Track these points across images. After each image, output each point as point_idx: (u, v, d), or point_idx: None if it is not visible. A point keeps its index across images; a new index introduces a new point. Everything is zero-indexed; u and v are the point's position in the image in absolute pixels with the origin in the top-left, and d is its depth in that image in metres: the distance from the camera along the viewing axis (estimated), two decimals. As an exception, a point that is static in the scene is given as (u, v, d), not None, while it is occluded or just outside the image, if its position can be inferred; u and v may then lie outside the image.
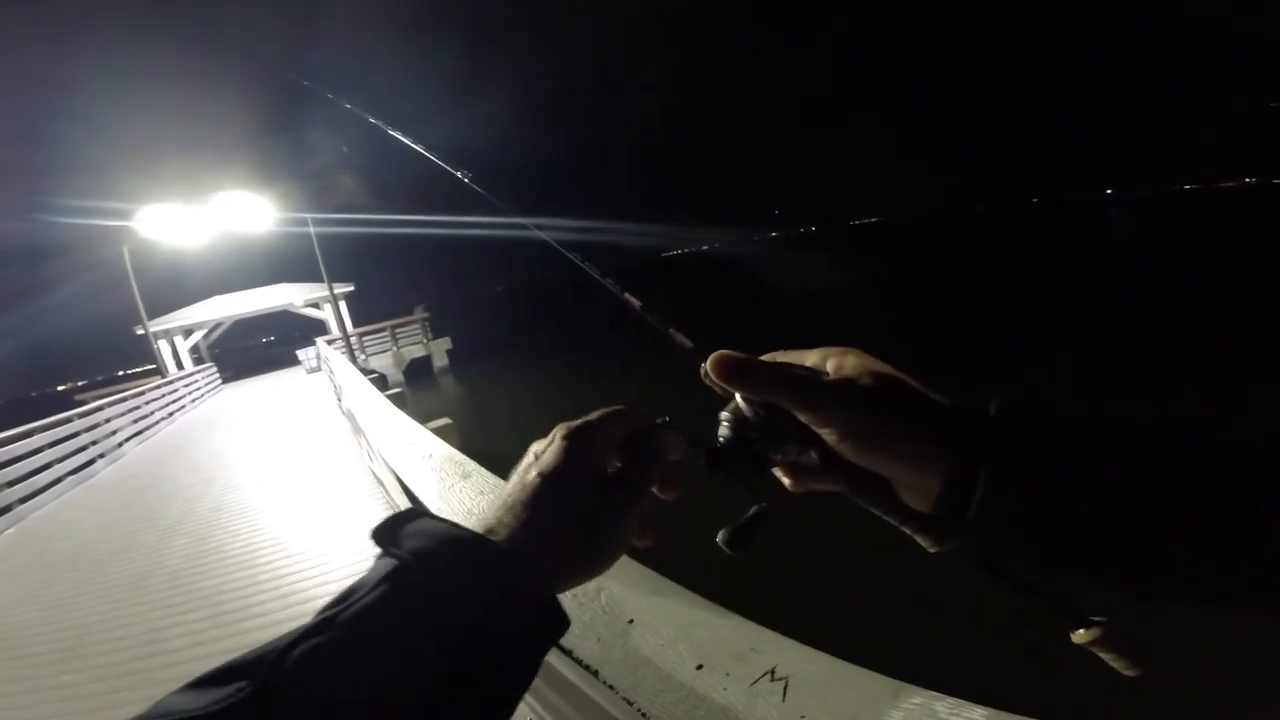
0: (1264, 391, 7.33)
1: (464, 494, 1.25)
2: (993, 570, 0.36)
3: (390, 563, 0.34)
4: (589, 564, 0.41)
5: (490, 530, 0.39)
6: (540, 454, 0.43)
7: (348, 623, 0.31)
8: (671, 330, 0.47)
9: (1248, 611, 0.31)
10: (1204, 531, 0.30)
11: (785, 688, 0.61)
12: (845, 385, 0.39)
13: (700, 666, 0.67)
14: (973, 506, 0.34)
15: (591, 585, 0.83)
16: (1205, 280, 17.84)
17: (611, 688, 0.71)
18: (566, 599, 0.40)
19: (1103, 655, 0.35)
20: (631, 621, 0.77)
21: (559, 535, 0.39)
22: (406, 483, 1.55)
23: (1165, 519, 0.31)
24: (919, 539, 0.40)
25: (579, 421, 0.43)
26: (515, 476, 0.43)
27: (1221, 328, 11.37)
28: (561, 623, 0.37)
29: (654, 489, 0.44)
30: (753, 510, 0.42)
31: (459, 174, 0.70)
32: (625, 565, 0.90)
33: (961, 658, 3.66)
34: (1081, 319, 14.67)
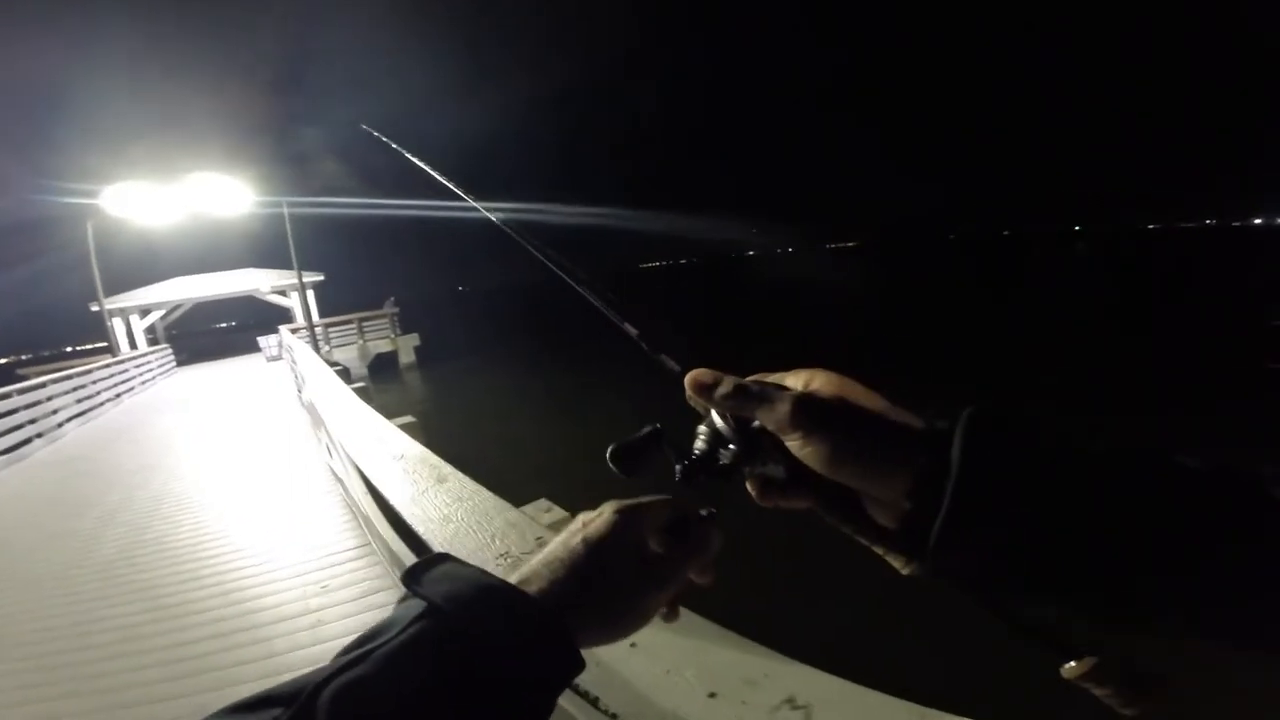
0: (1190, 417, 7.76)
1: (440, 499, 1.16)
2: (973, 595, 0.35)
3: (421, 604, 0.36)
4: (612, 630, 0.43)
5: (525, 581, 0.41)
6: (588, 522, 0.45)
7: (384, 658, 0.33)
8: (662, 355, 0.48)
9: (1220, 642, 0.30)
10: (1171, 561, 0.30)
11: (808, 717, 0.59)
12: (807, 394, 0.40)
13: (713, 694, 0.64)
14: (935, 529, 0.33)
15: None
16: (1162, 312, 18.79)
17: (613, 716, 0.68)
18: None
19: (1096, 691, 0.33)
20: (634, 645, 0.73)
21: (590, 598, 0.41)
22: (376, 484, 1.45)
23: (1130, 546, 0.30)
24: (890, 560, 0.39)
25: (630, 501, 0.46)
26: (560, 536, 0.46)
27: (1170, 357, 11.98)
28: (578, 667, 0.39)
29: (690, 575, 0.47)
30: (646, 429, 0.45)
31: (493, 218, 0.67)
32: None
33: (984, 679, 3.59)
34: (1040, 343, 15.23)
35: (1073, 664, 0.33)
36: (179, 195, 16.17)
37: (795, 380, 0.42)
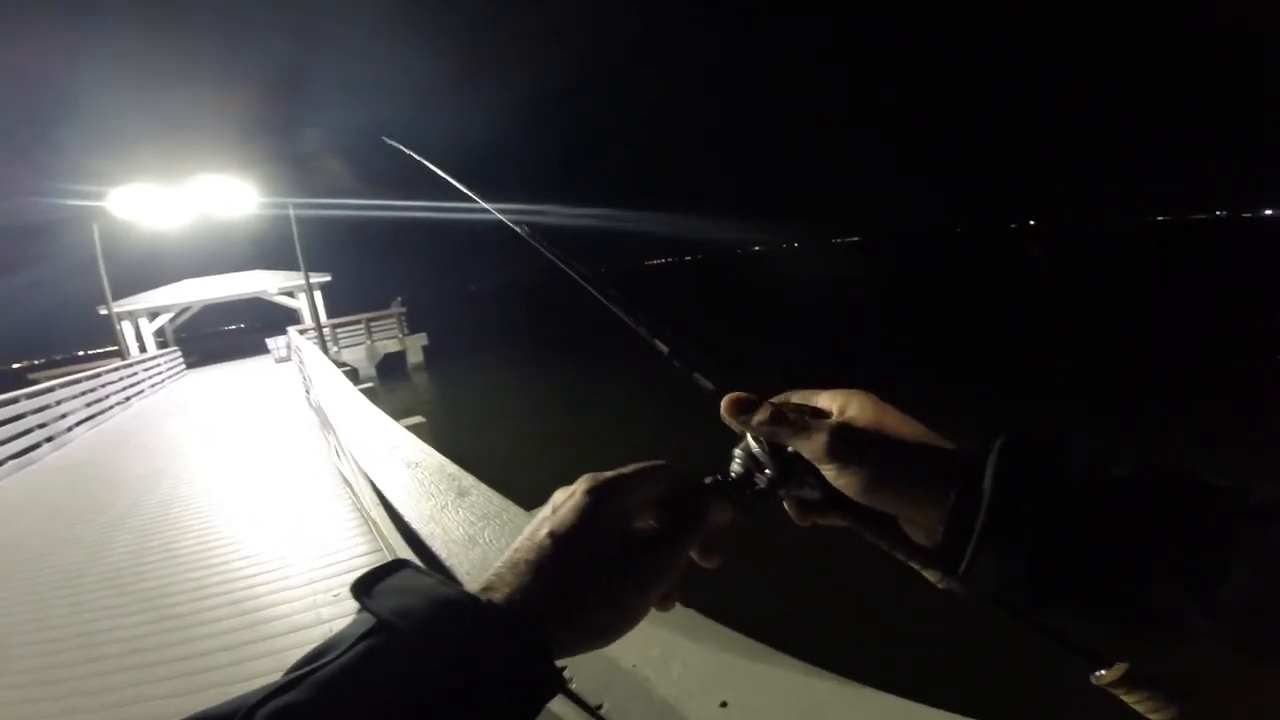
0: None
1: (462, 515, 1.03)
2: (1006, 609, 0.36)
3: (370, 620, 0.32)
4: (595, 636, 0.38)
5: (489, 588, 0.36)
6: (558, 507, 0.39)
7: (322, 683, 0.29)
8: (695, 374, 0.46)
9: (1239, 656, 0.30)
10: (1196, 579, 0.30)
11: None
12: (843, 425, 0.40)
13: None
14: (967, 552, 0.35)
15: (655, 652, 0.65)
16: (1168, 305, 18.48)
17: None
18: (626, 667, 0.40)
19: (1126, 698, 0.33)
20: (725, 705, 0.59)
21: (564, 600, 0.36)
22: (389, 497, 1.33)
23: (1154, 567, 0.31)
24: (925, 574, 0.40)
25: (608, 474, 0.40)
26: (527, 529, 0.39)
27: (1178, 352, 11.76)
28: (556, 686, 0.35)
29: (691, 554, 0.41)
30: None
31: (522, 231, 0.65)
32: (702, 626, 0.71)
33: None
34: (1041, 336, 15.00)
35: (1103, 671, 0.33)
36: (185, 197, 16.19)
37: (830, 402, 0.42)
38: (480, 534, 0.96)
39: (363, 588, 0.35)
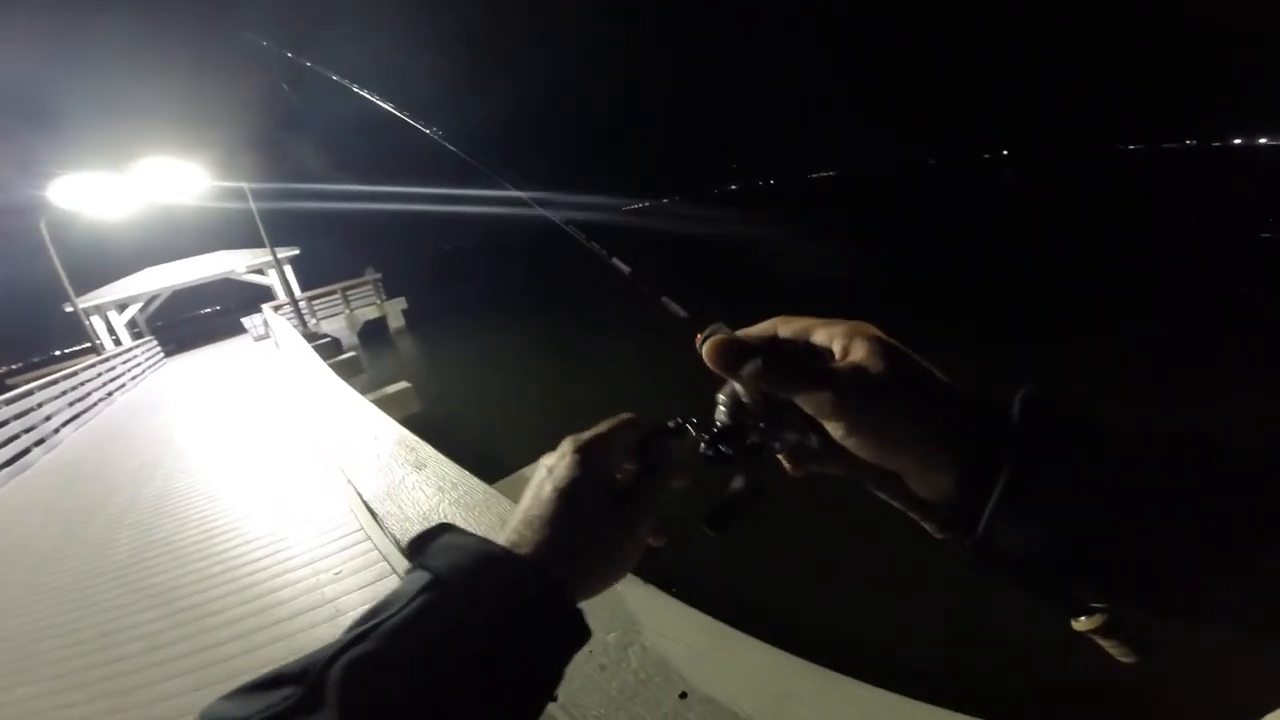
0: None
1: (419, 491, 1.06)
2: (990, 559, 0.34)
3: (425, 576, 0.36)
4: (606, 574, 0.42)
5: (514, 545, 0.40)
6: (552, 468, 0.43)
7: (390, 632, 0.33)
8: (664, 298, 0.44)
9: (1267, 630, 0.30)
10: (1222, 550, 0.29)
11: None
12: (853, 377, 0.36)
13: None
14: (985, 513, 0.32)
15: (611, 639, 0.67)
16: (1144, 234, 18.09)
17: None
18: (583, 655, 0.40)
19: (1102, 643, 0.34)
20: (684, 695, 0.57)
21: (576, 548, 0.40)
22: (349, 475, 1.35)
23: (1184, 534, 0.30)
24: (925, 525, 0.39)
25: (588, 434, 0.44)
26: (530, 490, 0.43)
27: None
28: (584, 633, 0.39)
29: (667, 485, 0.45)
30: (739, 485, 0.42)
31: (430, 132, 0.67)
32: (662, 605, 0.72)
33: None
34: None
35: (1083, 619, 0.34)
36: (136, 183, 15.54)
37: (829, 338, 0.38)
38: (437, 508, 0.99)
39: (417, 547, 0.40)
